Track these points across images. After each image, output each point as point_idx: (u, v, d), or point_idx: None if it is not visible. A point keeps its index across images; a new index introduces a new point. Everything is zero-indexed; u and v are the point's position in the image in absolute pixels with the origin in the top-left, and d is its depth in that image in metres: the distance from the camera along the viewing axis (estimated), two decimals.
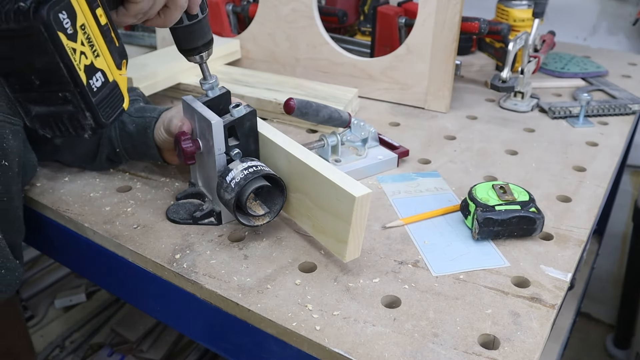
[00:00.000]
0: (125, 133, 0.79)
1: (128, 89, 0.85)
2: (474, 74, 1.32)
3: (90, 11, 0.51)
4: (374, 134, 0.87)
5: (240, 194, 0.63)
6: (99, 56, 0.53)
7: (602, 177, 0.84)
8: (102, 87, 0.53)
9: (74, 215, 0.74)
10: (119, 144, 0.80)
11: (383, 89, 1.12)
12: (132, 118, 0.79)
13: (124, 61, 0.58)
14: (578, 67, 1.30)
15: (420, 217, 0.74)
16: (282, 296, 0.60)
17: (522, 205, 0.68)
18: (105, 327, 1.61)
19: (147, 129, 0.77)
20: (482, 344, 0.54)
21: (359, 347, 0.53)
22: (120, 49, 0.57)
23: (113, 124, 0.79)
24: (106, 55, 0.54)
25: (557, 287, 0.61)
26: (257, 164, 0.66)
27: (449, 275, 0.63)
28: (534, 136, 0.99)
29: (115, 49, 0.56)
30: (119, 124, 0.79)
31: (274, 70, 1.21)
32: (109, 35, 0.54)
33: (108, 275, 0.77)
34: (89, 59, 0.51)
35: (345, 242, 0.60)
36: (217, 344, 0.68)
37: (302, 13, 1.13)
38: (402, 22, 1.19)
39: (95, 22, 0.52)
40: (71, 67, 0.49)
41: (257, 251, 0.67)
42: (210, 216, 0.72)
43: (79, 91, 0.50)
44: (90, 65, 0.51)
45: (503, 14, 1.28)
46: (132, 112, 0.79)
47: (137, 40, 1.51)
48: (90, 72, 0.52)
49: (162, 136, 0.76)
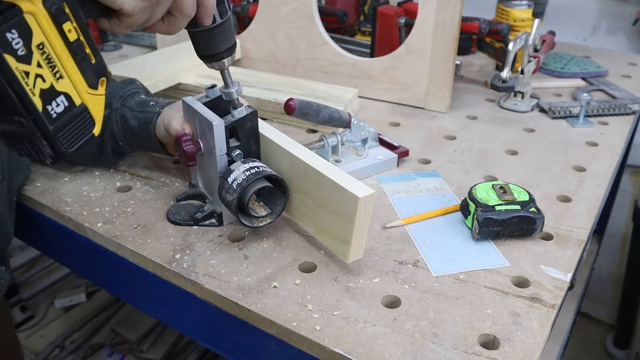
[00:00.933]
0: (127, 128, 0.78)
1: (127, 81, 0.83)
2: (474, 74, 1.32)
3: (55, 27, 0.46)
4: (374, 134, 0.87)
5: (242, 195, 0.63)
6: (61, 78, 0.47)
7: (602, 177, 0.84)
8: (65, 113, 0.47)
9: (73, 215, 0.74)
10: (121, 138, 0.79)
11: (383, 89, 1.12)
12: (134, 113, 0.78)
13: (103, 79, 0.52)
14: (578, 67, 1.30)
15: (420, 217, 0.74)
16: (282, 296, 0.60)
17: (522, 205, 0.68)
18: (105, 327, 1.60)
19: (149, 125, 0.76)
20: (482, 344, 0.54)
21: (359, 347, 0.53)
22: (97, 66, 0.51)
23: (111, 118, 0.78)
24: (74, 75, 0.48)
25: (557, 287, 0.61)
26: (259, 165, 0.65)
27: (449, 275, 0.63)
28: (534, 136, 0.99)
29: (89, 67, 0.50)
30: (121, 119, 0.78)
31: (274, 70, 1.21)
32: (81, 52, 0.49)
33: (108, 275, 0.77)
34: (48, 82, 0.46)
35: (348, 242, 0.60)
36: (217, 344, 0.68)
37: (302, 13, 1.13)
38: (402, 22, 1.19)
39: (63, 38, 0.47)
40: (21, 93, 0.43)
41: (257, 251, 0.67)
42: (212, 217, 0.72)
43: (32, 119, 0.45)
44: (49, 89, 0.46)
45: (503, 14, 1.28)
46: (134, 106, 0.78)
47: (137, 40, 1.51)
48: (49, 96, 0.46)
49: (162, 133, 0.75)
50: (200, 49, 0.62)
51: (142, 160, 0.88)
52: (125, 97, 0.80)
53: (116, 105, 0.79)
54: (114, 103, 0.79)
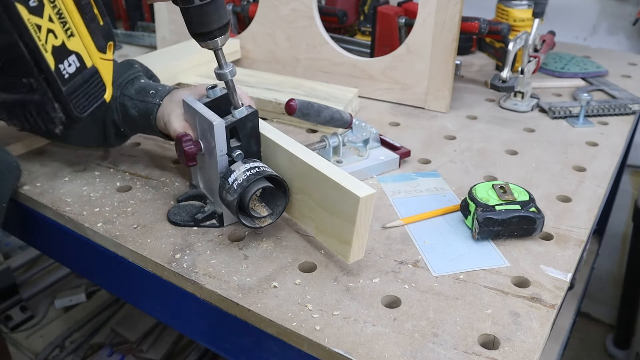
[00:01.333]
0: (127, 116, 0.78)
1: (125, 64, 0.79)
2: (474, 74, 1.32)
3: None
4: (375, 134, 0.87)
5: (242, 195, 0.63)
6: (73, 36, 0.45)
7: (602, 177, 0.84)
8: (76, 74, 0.45)
9: (73, 215, 0.74)
10: (122, 125, 0.79)
11: (383, 89, 1.12)
12: (134, 101, 0.76)
13: (110, 43, 0.50)
14: (578, 67, 1.30)
15: (420, 217, 0.74)
16: (282, 296, 0.60)
17: (522, 205, 0.68)
18: (105, 327, 1.60)
19: (150, 115, 0.76)
20: (482, 344, 0.54)
21: (359, 347, 0.53)
22: (105, 28, 0.49)
23: (111, 107, 0.75)
24: (84, 35, 0.46)
25: (557, 287, 0.61)
26: (260, 165, 0.65)
27: (449, 275, 0.63)
28: (534, 136, 0.99)
29: (98, 28, 0.48)
30: (121, 108, 0.77)
31: (274, 70, 1.21)
32: (89, 12, 0.46)
33: (108, 275, 0.77)
34: (60, 39, 0.43)
35: (349, 243, 0.60)
36: (217, 344, 0.68)
37: (302, 13, 1.13)
38: (402, 22, 1.19)
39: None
40: (33, 48, 0.41)
41: (257, 251, 0.67)
42: (212, 218, 0.72)
43: (44, 77, 0.43)
44: (60, 47, 0.43)
45: (503, 14, 1.28)
46: (133, 94, 0.76)
47: (137, 40, 1.51)
48: (61, 54, 0.44)
49: (163, 126, 0.75)
50: (194, 26, 0.61)
51: (142, 160, 0.88)
52: (125, 85, 0.77)
53: (116, 94, 0.77)
54: (114, 91, 0.76)
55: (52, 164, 0.87)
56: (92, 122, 0.80)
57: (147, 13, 1.64)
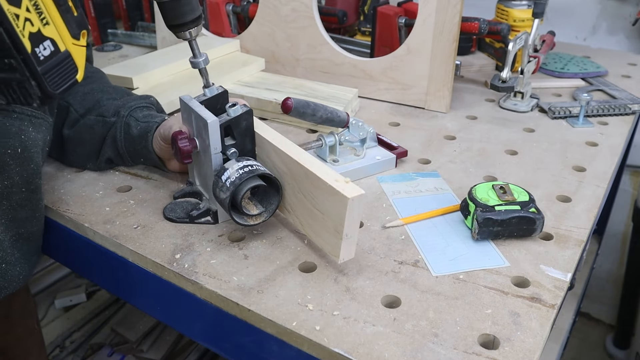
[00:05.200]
0: (129, 136, 0.79)
1: (143, 95, 0.86)
2: (474, 74, 1.32)
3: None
4: (372, 134, 0.87)
5: (235, 193, 0.64)
6: (48, 24, 0.52)
7: (601, 177, 0.85)
8: (51, 57, 0.53)
9: (74, 215, 0.74)
10: (123, 146, 0.80)
11: (383, 89, 1.12)
12: (138, 122, 0.79)
13: (84, 32, 0.57)
14: (578, 67, 1.30)
15: (420, 217, 0.74)
16: (282, 296, 0.60)
17: (522, 205, 0.68)
18: (105, 327, 1.61)
19: (148, 133, 0.77)
20: (482, 344, 0.54)
21: (359, 347, 0.53)
22: (78, 18, 0.56)
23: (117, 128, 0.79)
24: (58, 23, 0.54)
25: (557, 287, 0.61)
26: (253, 164, 0.66)
27: (449, 275, 0.63)
28: (534, 136, 0.99)
29: (72, 18, 0.55)
30: (125, 127, 0.79)
31: (274, 70, 1.21)
32: (64, 4, 0.54)
33: (108, 275, 0.77)
34: (36, 27, 0.51)
35: (338, 242, 0.60)
36: (217, 344, 0.68)
37: (302, 13, 1.13)
38: (402, 22, 1.19)
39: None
40: (12, 33, 0.48)
41: (257, 251, 0.67)
42: (207, 215, 0.72)
43: (22, 58, 0.50)
44: (36, 33, 0.51)
45: (503, 14, 1.28)
46: (140, 117, 0.80)
47: (137, 40, 1.51)
48: (37, 40, 0.51)
49: (158, 144, 0.76)
50: (169, 19, 0.68)
51: None
52: (135, 109, 0.81)
53: (123, 114, 0.80)
54: (122, 111, 0.80)
55: (53, 164, 0.87)
56: (89, 140, 0.81)
57: (147, 13, 1.64)
